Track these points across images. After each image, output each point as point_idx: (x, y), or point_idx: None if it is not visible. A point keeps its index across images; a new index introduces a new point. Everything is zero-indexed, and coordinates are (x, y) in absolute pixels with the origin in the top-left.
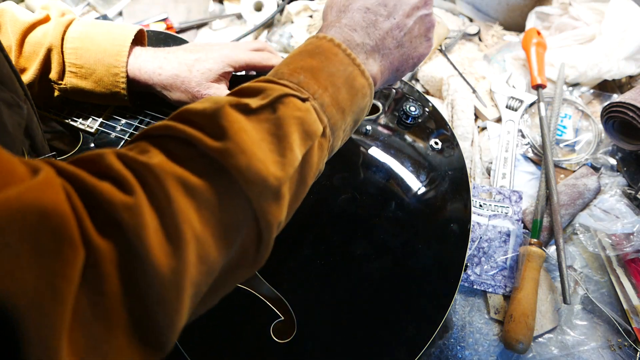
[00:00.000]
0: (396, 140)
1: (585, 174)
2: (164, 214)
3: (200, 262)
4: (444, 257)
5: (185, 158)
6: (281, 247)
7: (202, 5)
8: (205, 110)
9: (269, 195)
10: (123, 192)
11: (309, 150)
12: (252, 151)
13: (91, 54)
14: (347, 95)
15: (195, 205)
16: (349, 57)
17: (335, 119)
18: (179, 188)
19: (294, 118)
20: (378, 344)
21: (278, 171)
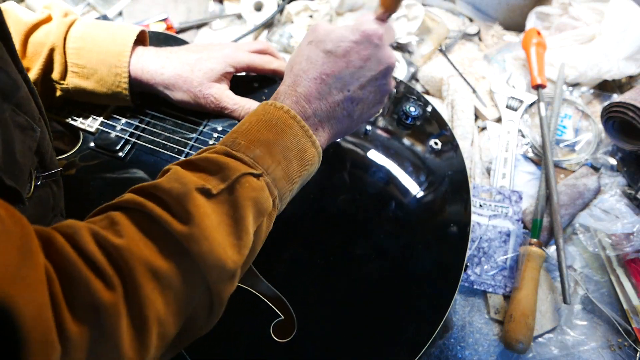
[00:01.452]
0: (396, 140)
1: (585, 174)
2: (134, 305)
3: (160, 341)
4: (444, 257)
5: (153, 236)
6: (281, 247)
7: (202, 5)
8: (172, 191)
9: (225, 277)
10: (105, 287)
11: (260, 225)
12: (213, 237)
13: (93, 54)
14: (298, 167)
15: (160, 288)
16: (302, 129)
17: (284, 190)
18: (147, 274)
19: (250, 199)
20: (378, 344)
21: (235, 255)
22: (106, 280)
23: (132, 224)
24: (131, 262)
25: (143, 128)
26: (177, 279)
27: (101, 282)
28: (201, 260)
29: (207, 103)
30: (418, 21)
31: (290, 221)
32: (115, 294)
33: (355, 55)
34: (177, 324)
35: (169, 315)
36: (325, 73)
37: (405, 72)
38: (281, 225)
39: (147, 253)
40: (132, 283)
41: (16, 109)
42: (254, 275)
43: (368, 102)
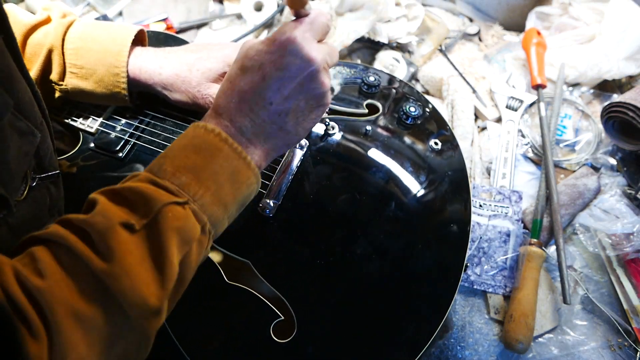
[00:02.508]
0: (396, 140)
1: (585, 174)
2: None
3: None
4: (444, 257)
5: (74, 274)
6: (281, 247)
7: (202, 5)
8: (96, 225)
9: (148, 314)
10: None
11: (187, 254)
12: (134, 273)
13: (92, 54)
14: (231, 190)
15: (83, 331)
16: (234, 151)
17: (216, 215)
18: (69, 317)
19: (172, 230)
20: (378, 344)
21: (158, 290)
22: (31, 329)
23: (53, 260)
24: (53, 305)
25: (143, 128)
26: (100, 319)
27: (27, 331)
28: (122, 297)
29: (206, 103)
30: (418, 21)
31: (290, 221)
32: (40, 344)
33: (270, 67)
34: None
35: (93, 356)
36: (242, 90)
37: (405, 72)
38: (281, 226)
39: (69, 294)
40: (55, 328)
41: (17, 114)
42: (254, 276)
43: (300, 111)
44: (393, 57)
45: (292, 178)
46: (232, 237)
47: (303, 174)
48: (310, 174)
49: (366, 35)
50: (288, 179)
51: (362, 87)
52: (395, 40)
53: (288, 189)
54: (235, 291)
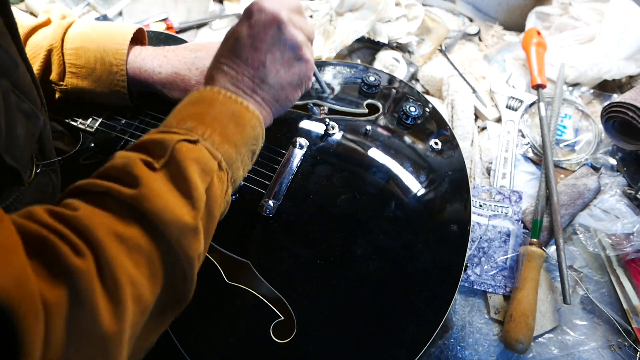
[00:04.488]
0: (396, 140)
1: (585, 174)
2: (105, 269)
3: (135, 304)
4: (444, 257)
5: (106, 206)
6: (281, 248)
7: (202, 5)
8: (117, 165)
9: (186, 232)
10: (74, 253)
11: (210, 185)
12: (164, 196)
13: (91, 54)
14: (236, 130)
15: (127, 251)
16: (229, 99)
17: (228, 153)
18: (111, 238)
19: (190, 159)
20: (378, 344)
21: (191, 210)
22: (73, 247)
23: (83, 201)
24: (92, 228)
25: (143, 128)
26: (141, 240)
27: (69, 249)
28: (157, 217)
29: None
30: (418, 21)
31: (290, 221)
32: (85, 259)
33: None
34: (152, 289)
35: (142, 277)
36: (222, 56)
37: (405, 72)
38: (281, 226)
39: (105, 219)
40: (99, 247)
41: (21, 96)
42: (254, 276)
43: (278, 63)
44: (393, 57)
45: (292, 178)
46: (232, 237)
47: (303, 174)
48: (310, 174)
49: (366, 35)
50: (288, 179)
51: (362, 87)
52: (395, 40)
53: (288, 189)
54: (235, 291)
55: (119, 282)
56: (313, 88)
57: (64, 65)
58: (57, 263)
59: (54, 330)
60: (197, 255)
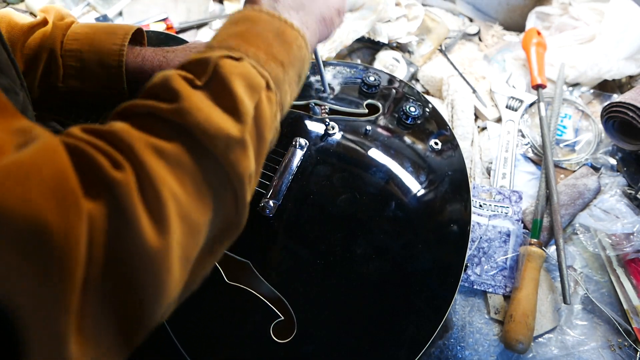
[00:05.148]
0: (396, 140)
1: (585, 174)
2: (145, 182)
3: (182, 223)
4: (444, 257)
5: (147, 126)
6: (281, 247)
7: (202, 5)
8: (155, 82)
9: (233, 145)
10: (112, 165)
11: (259, 103)
12: (206, 109)
13: (90, 55)
14: (282, 48)
15: (167, 166)
16: (272, 16)
17: (275, 72)
18: (150, 151)
19: (235, 74)
20: (378, 344)
21: (236, 122)
22: (111, 159)
23: (119, 120)
24: (130, 142)
25: None
26: (183, 155)
27: (107, 160)
28: (199, 130)
29: None
30: (418, 21)
31: (290, 221)
32: (125, 172)
33: None
34: (200, 210)
35: (186, 196)
36: None
37: (405, 72)
38: (281, 226)
39: (144, 134)
40: (137, 160)
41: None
42: (254, 276)
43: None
44: (393, 57)
45: (292, 178)
46: None
47: (303, 174)
48: (310, 174)
49: (366, 35)
50: (288, 179)
51: (362, 87)
52: (395, 40)
53: (288, 189)
54: (235, 291)
55: (160, 196)
56: (314, 87)
57: (63, 67)
58: (95, 176)
59: (96, 245)
60: (247, 173)
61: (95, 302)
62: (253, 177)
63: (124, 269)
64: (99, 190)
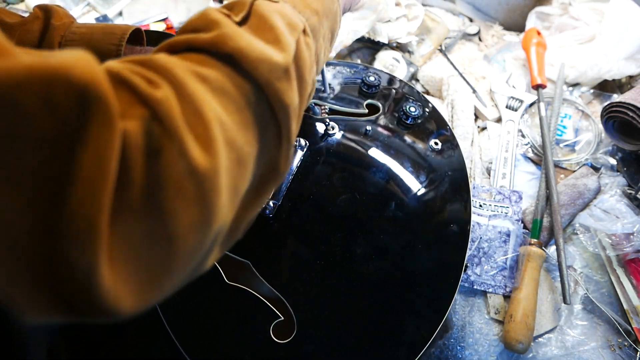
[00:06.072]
0: (396, 140)
1: (585, 174)
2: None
3: (228, 148)
4: (444, 257)
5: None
6: (281, 247)
7: (202, 5)
8: (191, 19)
9: (278, 72)
10: (149, 84)
11: (298, 42)
12: (247, 37)
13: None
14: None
15: (210, 90)
16: None
17: (311, 20)
18: (191, 75)
19: (274, 11)
20: (378, 344)
21: (280, 51)
22: (149, 80)
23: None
24: (169, 65)
25: None
26: (226, 83)
27: (143, 80)
28: (242, 56)
29: None
30: (418, 21)
31: (290, 222)
32: (162, 90)
33: None
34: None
35: (232, 122)
36: None
37: (405, 72)
38: (281, 226)
39: (182, 63)
40: (178, 82)
41: None
42: (253, 277)
43: None
44: (393, 57)
45: (292, 178)
46: None
47: (303, 174)
48: (310, 174)
49: (366, 35)
50: (288, 179)
51: (362, 87)
52: (395, 40)
53: (288, 189)
54: (235, 291)
55: (204, 117)
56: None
57: None
58: (131, 93)
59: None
60: (292, 105)
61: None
62: (298, 114)
63: (169, 191)
64: (135, 108)
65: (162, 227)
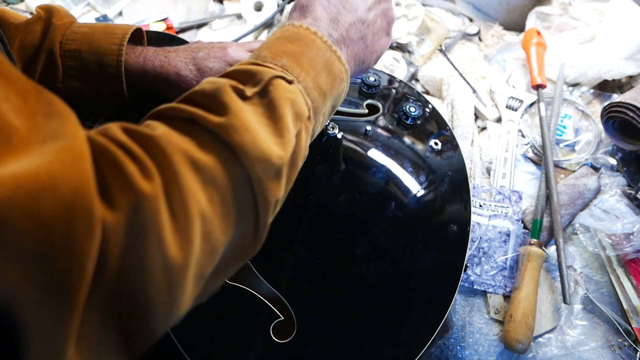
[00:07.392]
0: (396, 141)
1: (585, 174)
2: (174, 195)
3: (204, 241)
4: (444, 257)
5: (188, 132)
6: (281, 247)
7: (202, 5)
8: (205, 90)
9: (271, 173)
10: (142, 174)
11: (299, 132)
12: (254, 130)
13: (89, 55)
14: (327, 80)
15: (201, 181)
16: (325, 44)
17: (317, 102)
18: (186, 164)
19: (286, 99)
20: (378, 344)
21: (280, 150)
22: (142, 168)
23: (163, 124)
24: (168, 150)
25: None
26: (218, 173)
27: (137, 169)
28: (243, 152)
29: None
30: (418, 21)
31: (290, 221)
32: (154, 183)
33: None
34: (222, 228)
35: (214, 215)
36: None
37: (405, 72)
38: (281, 226)
39: (185, 144)
40: (171, 171)
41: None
42: (253, 276)
43: (377, 27)
44: (393, 57)
45: None
46: None
47: (303, 174)
48: (310, 174)
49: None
50: None
51: (362, 87)
52: (395, 40)
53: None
54: (235, 291)
55: (189, 213)
56: None
57: (62, 68)
58: (122, 184)
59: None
60: (274, 200)
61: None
62: (278, 205)
63: (138, 283)
64: (122, 200)
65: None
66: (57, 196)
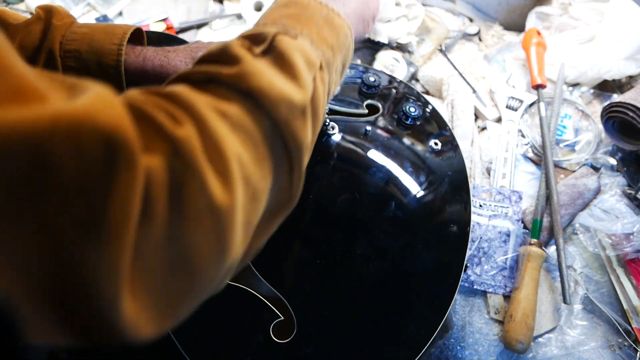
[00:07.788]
0: (396, 141)
1: (585, 174)
2: (208, 139)
3: (245, 184)
4: (444, 257)
5: (207, 89)
6: (281, 247)
7: (202, 5)
8: (212, 50)
9: (295, 112)
10: (173, 122)
11: (314, 80)
12: (269, 74)
13: (89, 55)
14: (331, 33)
15: (230, 127)
16: (320, 4)
17: (327, 54)
18: (212, 111)
19: (294, 50)
20: (378, 344)
21: (299, 91)
22: (171, 116)
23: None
24: (191, 100)
25: None
26: (245, 120)
27: (166, 117)
28: (262, 95)
29: None
30: (418, 21)
31: (290, 221)
32: (186, 128)
33: None
34: (261, 174)
35: (249, 159)
36: None
37: (405, 72)
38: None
39: (205, 97)
40: (199, 118)
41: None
42: (253, 276)
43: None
44: (393, 57)
45: None
46: None
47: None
48: (310, 174)
49: (366, 35)
50: None
51: (361, 88)
52: (395, 40)
53: None
54: (235, 291)
55: (225, 154)
56: None
57: (62, 68)
58: (155, 132)
59: (156, 202)
60: (305, 142)
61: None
62: (309, 150)
63: (189, 224)
64: (159, 146)
65: (181, 259)
66: (97, 130)
